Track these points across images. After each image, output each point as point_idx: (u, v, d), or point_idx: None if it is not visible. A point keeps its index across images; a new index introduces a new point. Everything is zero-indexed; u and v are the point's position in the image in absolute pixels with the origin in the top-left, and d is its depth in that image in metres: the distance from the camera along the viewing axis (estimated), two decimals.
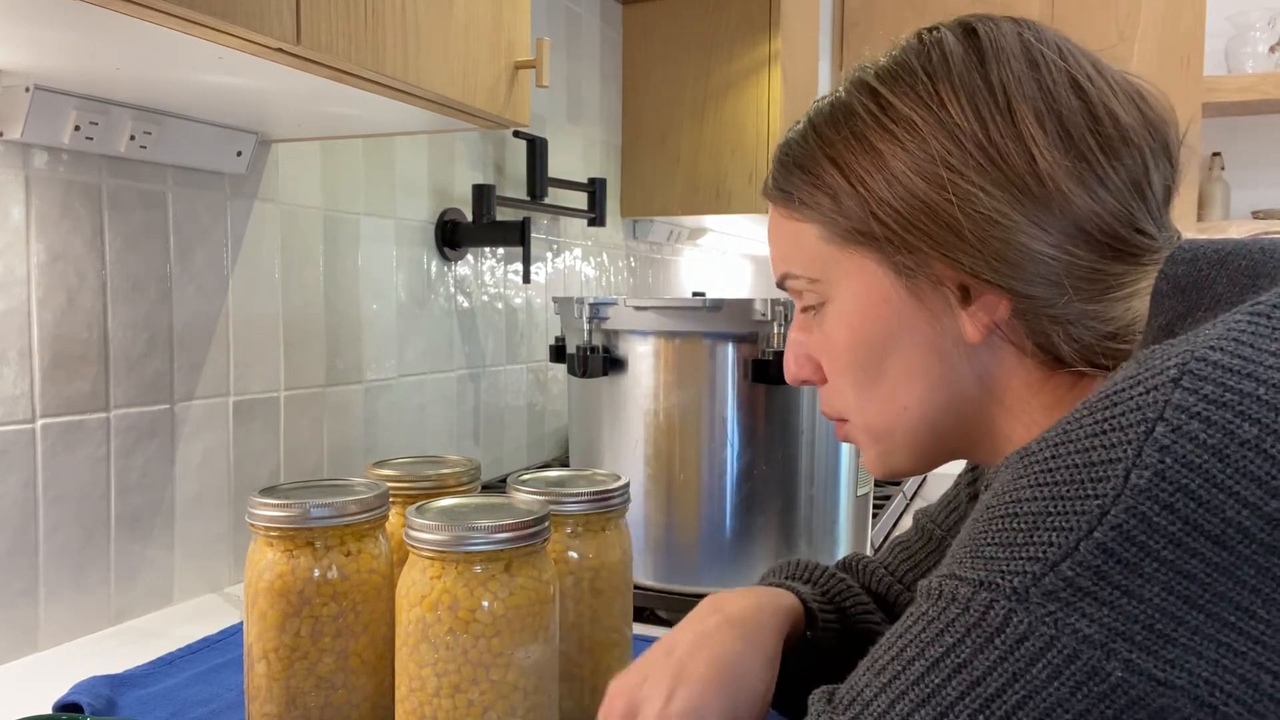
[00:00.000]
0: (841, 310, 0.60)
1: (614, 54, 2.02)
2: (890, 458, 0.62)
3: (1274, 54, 2.07)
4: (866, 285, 0.58)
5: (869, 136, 0.56)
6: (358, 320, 1.32)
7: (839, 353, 0.60)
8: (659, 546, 1.09)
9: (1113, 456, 0.40)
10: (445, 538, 0.65)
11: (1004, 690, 0.40)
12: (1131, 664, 0.38)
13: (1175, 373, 0.41)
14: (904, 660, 0.44)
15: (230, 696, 0.82)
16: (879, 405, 0.60)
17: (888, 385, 0.59)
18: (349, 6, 0.77)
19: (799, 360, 0.64)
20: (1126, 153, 0.53)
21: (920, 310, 0.57)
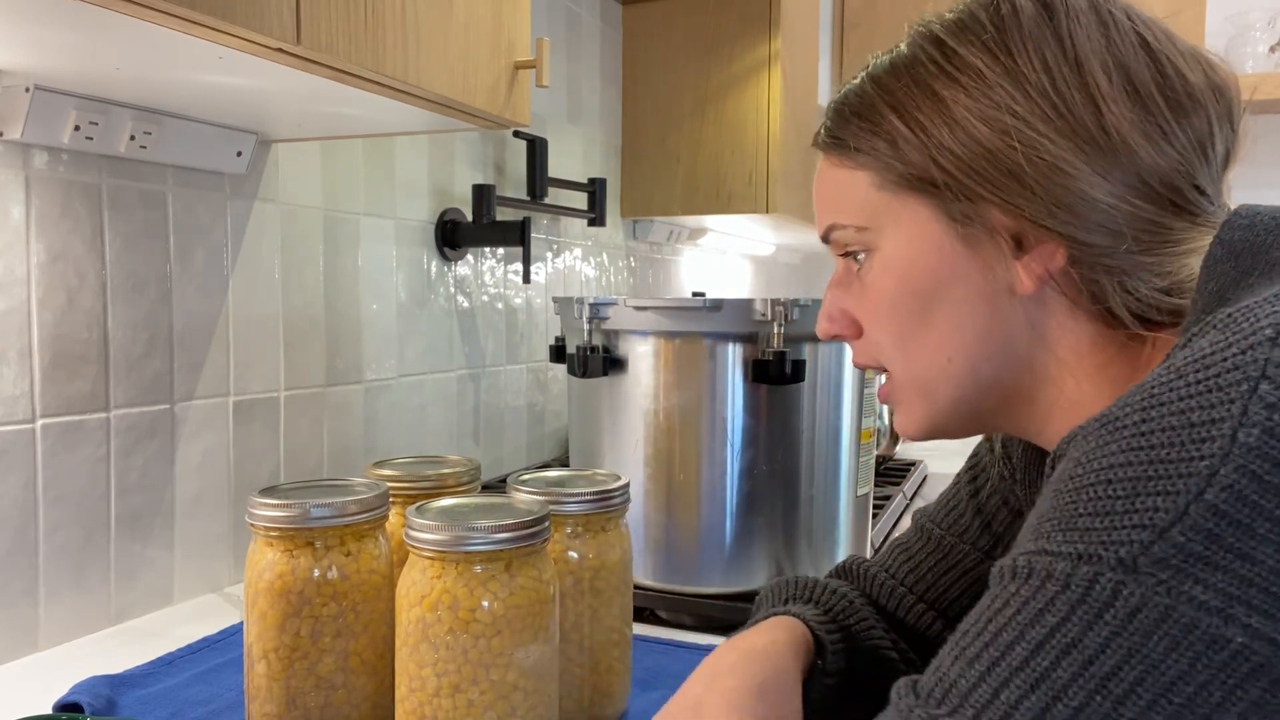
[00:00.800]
0: (890, 258, 0.59)
1: (614, 54, 2.02)
2: (932, 415, 0.61)
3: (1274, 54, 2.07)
4: (919, 232, 0.57)
5: (932, 84, 0.56)
6: (358, 320, 1.32)
7: (884, 302, 0.59)
8: (659, 546, 1.09)
9: (1216, 416, 0.39)
10: (445, 538, 0.65)
11: (1121, 667, 0.38)
12: (1252, 629, 0.36)
13: (1272, 332, 0.40)
14: (1001, 645, 0.41)
15: (230, 696, 0.82)
16: (925, 357, 0.59)
17: (935, 336, 0.58)
18: (349, 6, 0.77)
19: (833, 315, 0.64)
20: (1193, 111, 0.54)
21: (972, 259, 0.56)
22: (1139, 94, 0.53)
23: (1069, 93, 0.53)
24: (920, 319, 0.58)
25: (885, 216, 0.59)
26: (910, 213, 0.57)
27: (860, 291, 0.61)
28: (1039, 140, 0.53)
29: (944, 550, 0.74)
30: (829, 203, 0.62)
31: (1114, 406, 0.43)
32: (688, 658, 0.93)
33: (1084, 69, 0.53)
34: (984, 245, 0.55)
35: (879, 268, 0.59)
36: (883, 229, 0.59)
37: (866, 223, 0.60)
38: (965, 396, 0.59)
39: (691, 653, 0.94)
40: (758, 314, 1.03)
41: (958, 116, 0.55)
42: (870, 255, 0.60)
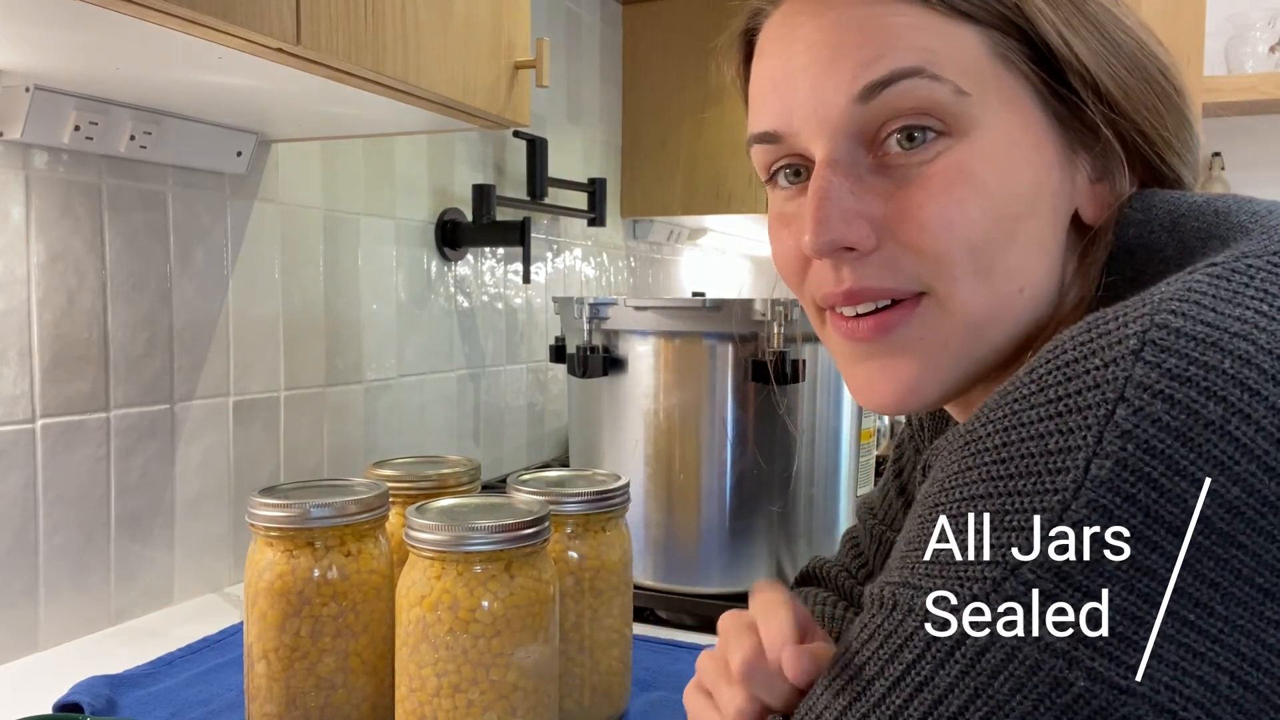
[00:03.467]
0: (994, 146, 0.46)
1: (614, 54, 2.02)
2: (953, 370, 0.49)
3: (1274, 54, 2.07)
4: (1025, 121, 0.47)
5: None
6: (358, 320, 1.32)
7: (974, 204, 0.46)
8: (659, 546, 1.09)
9: (1071, 444, 0.36)
10: (445, 538, 0.65)
11: (967, 707, 0.37)
12: (1094, 672, 0.35)
13: (1135, 343, 0.36)
14: (863, 680, 0.41)
15: (230, 696, 0.82)
16: (996, 281, 0.47)
17: (1015, 256, 0.47)
18: (349, 6, 0.77)
19: (848, 217, 0.47)
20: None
21: (1063, 170, 0.48)
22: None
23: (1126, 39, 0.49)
24: (1009, 233, 0.46)
25: (992, 91, 0.46)
26: (1014, 94, 0.46)
27: (911, 185, 0.46)
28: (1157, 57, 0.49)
29: (880, 540, 0.74)
30: (906, 36, 0.46)
31: (977, 420, 0.40)
32: (688, 658, 0.92)
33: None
34: (1075, 155, 0.48)
35: (976, 156, 0.46)
36: (987, 105, 0.46)
37: (970, 88, 0.46)
38: (1006, 344, 0.48)
39: (691, 653, 0.94)
40: (758, 314, 1.03)
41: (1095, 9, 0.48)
42: (953, 138, 0.46)
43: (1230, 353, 0.36)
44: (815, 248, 0.47)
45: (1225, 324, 0.37)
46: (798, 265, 0.52)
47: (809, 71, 0.48)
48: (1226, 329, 0.36)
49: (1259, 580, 0.34)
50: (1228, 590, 0.35)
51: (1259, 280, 0.39)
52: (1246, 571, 0.34)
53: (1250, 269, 0.39)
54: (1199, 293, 0.38)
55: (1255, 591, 0.34)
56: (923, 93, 0.46)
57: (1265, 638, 0.35)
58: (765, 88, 0.51)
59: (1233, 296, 0.38)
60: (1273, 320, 0.37)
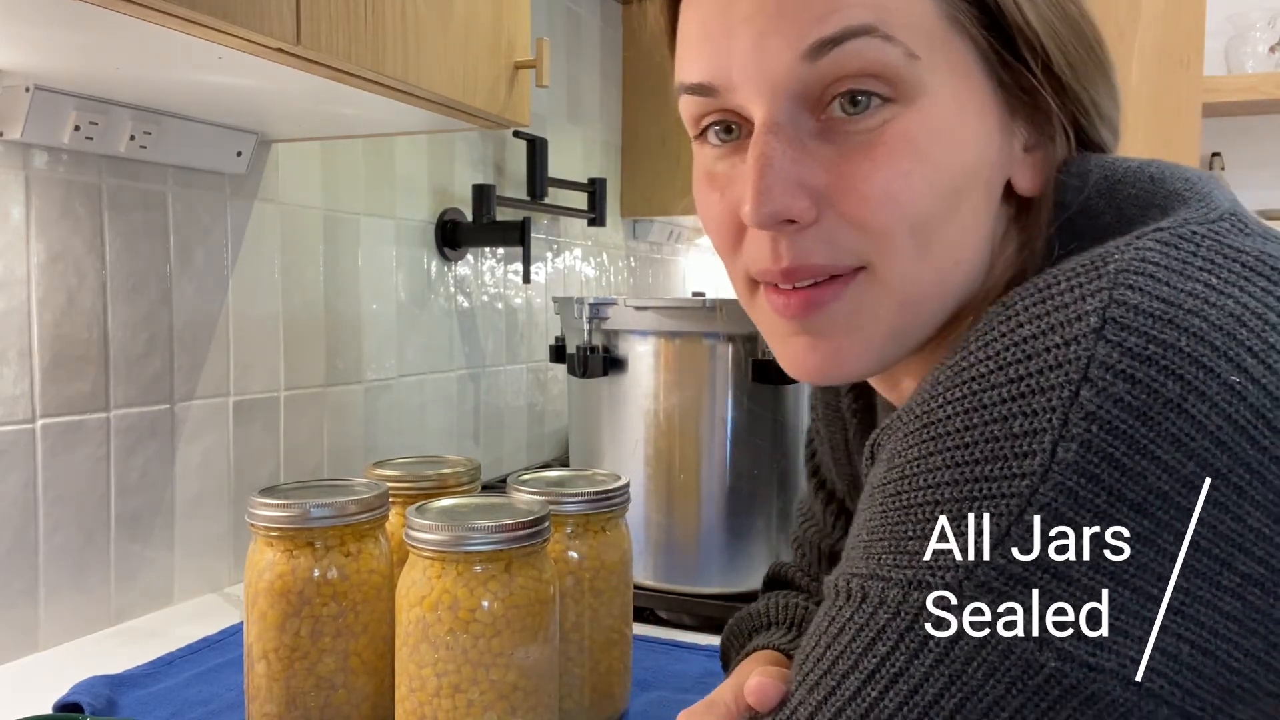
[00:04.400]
0: (940, 115, 0.44)
1: (614, 54, 2.02)
2: (888, 342, 0.47)
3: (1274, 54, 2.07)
4: (970, 88, 0.45)
5: None
6: (358, 320, 1.32)
7: (920, 175, 0.44)
8: (659, 546, 1.09)
9: (1037, 426, 0.36)
10: (445, 538, 0.65)
11: (942, 694, 0.37)
12: (1064, 652, 0.36)
13: (1096, 321, 0.36)
14: (837, 674, 0.40)
15: (230, 696, 0.82)
16: (937, 257, 0.45)
17: (955, 230, 0.45)
18: (349, 6, 0.77)
19: (790, 188, 0.44)
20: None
21: (1002, 139, 0.46)
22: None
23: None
24: (951, 207, 0.45)
25: (940, 55, 0.44)
26: (962, 60, 0.44)
27: (855, 154, 0.44)
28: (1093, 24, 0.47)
29: (809, 539, 0.74)
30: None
31: (934, 400, 0.39)
32: (688, 658, 0.93)
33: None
34: (1010, 124, 0.46)
35: (922, 125, 0.44)
36: (936, 69, 0.43)
37: (920, 51, 0.43)
38: (937, 318, 0.48)
39: (691, 653, 0.94)
40: None
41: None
42: (899, 104, 0.44)
43: (1186, 330, 0.36)
44: (757, 219, 0.45)
45: (1180, 300, 0.37)
46: (731, 232, 0.49)
47: (752, 22, 0.44)
48: (1181, 305, 0.37)
49: (1215, 551, 0.35)
50: (1187, 563, 0.35)
51: (1205, 249, 0.39)
52: (1202, 543, 0.35)
53: (1196, 236, 0.40)
54: (1152, 264, 0.38)
55: (1212, 561, 0.35)
56: (873, 53, 0.43)
57: (1222, 605, 0.36)
58: (699, 34, 0.48)
59: (1183, 268, 0.38)
60: (1221, 294, 0.37)
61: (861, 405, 0.66)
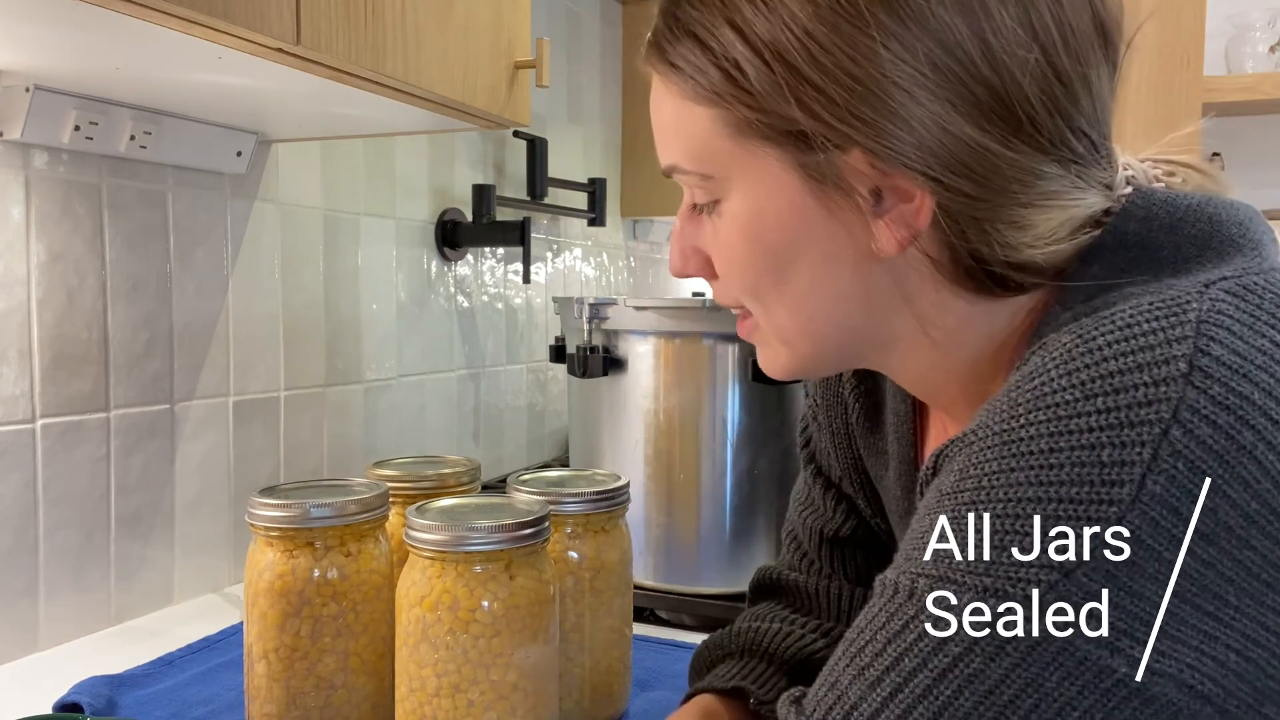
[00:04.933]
0: (739, 213, 0.53)
1: (614, 54, 2.02)
2: (796, 363, 0.57)
3: (1274, 54, 2.07)
4: (770, 187, 0.51)
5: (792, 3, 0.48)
6: (358, 320, 1.32)
7: (735, 257, 0.55)
8: (659, 546, 1.09)
9: (1127, 458, 0.39)
10: (445, 538, 0.65)
11: (1019, 696, 0.40)
12: (1133, 659, 0.39)
13: (1185, 366, 0.40)
14: (904, 671, 0.42)
15: (230, 696, 0.82)
16: (784, 313, 0.55)
17: (791, 294, 0.54)
18: (349, 6, 0.77)
19: (685, 254, 0.57)
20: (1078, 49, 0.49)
21: (830, 217, 0.51)
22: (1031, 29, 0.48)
23: (948, 17, 0.47)
24: (775, 276, 0.53)
25: (733, 166, 0.52)
26: (760, 163, 0.51)
27: (712, 237, 0.55)
28: (918, 76, 0.47)
29: (809, 527, 0.75)
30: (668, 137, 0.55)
31: (1014, 421, 0.42)
32: (688, 658, 0.92)
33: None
34: (841, 202, 0.50)
35: (728, 220, 0.54)
36: (730, 180, 0.53)
37: (712, 171, 0.53)
38: (828, 349, 0.56)
39: (691, 652, 0.94)
40: None
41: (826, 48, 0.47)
42: (718, 204, 0.54)
43: (1258, 384, 0.41)
44: (671, 273, 0.60)
45: (1252, 355, 0.41)
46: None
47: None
48: (1253, 361, 0.41)
49: (1264, 576, 0.40)
50: (1241, 585, 0.40)
51: (1268, 303, 0.44)
52: (1255, 569, 0.40)
53: (1258, 288, 0.44)
54: (1228, 317, 0.42)
55: (1262, 585, 0.40)
56: (683, 179, 0.55)
57: (1266, 621, 0.40)
58: None
59: (1252, 323, 0.42)
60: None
61: (864, 390, 0.69)
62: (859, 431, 0.70)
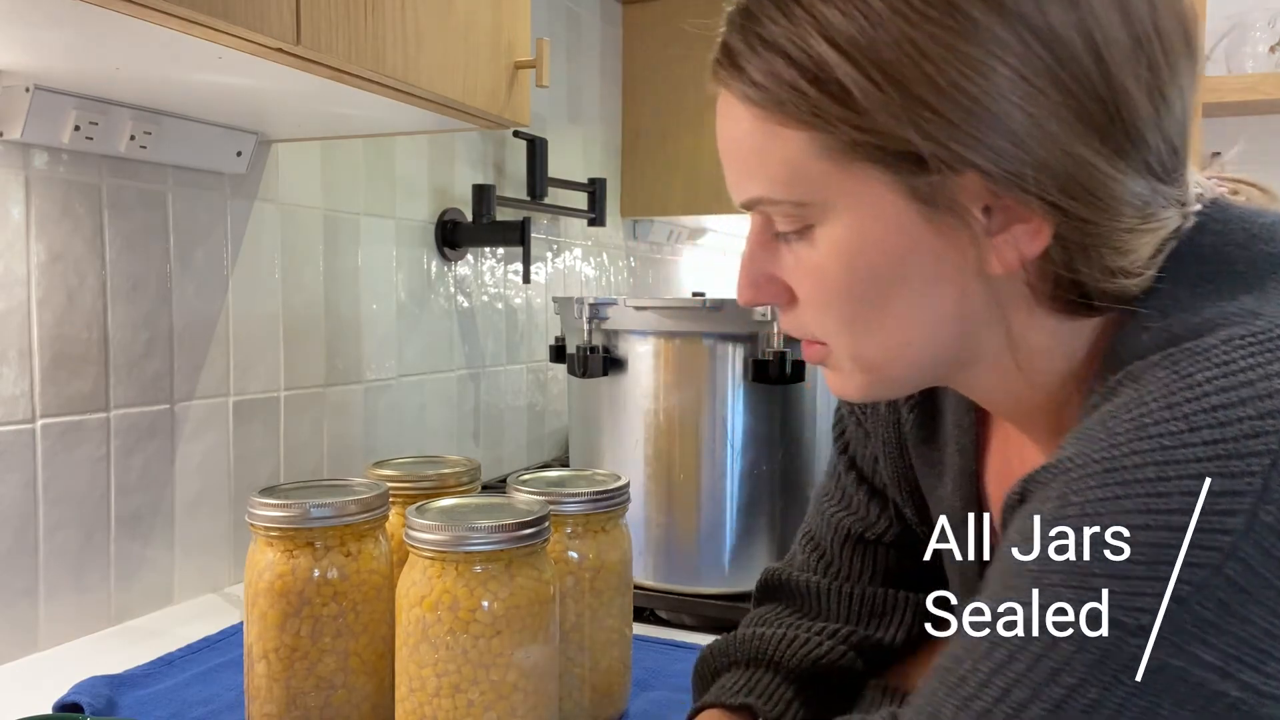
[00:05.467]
0: (838, 239, 0.50)
1: (614, 54, 2.02)
2: (876, 388, 0.56)
3: (1274, 54, 2.07)
4: (875, 212, 0.49)
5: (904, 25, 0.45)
6: (358, 320, 1.32)
7: (831, 285, 0.52)
8: (659, 546, 1.09)
9: (1238, 488, 0.40)
10: (445, 538, 0.65)
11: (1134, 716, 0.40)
12: (1244, 684, 0.39)
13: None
14: (1014, 702, 0.42)
15: (230, 696, 0.82)
16: (878, 341, 0.52)
17: (891, 321, 0.51)
18: (349, 6, 0.77)
19: (758, 283, 0.55)
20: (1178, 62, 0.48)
21: (940, 239, 0.49)
22: (1137, 41, 0.46)
23: (1063, 30, 0.45)
24: (876, 304, 0.51)
25: (831, 190, 0.49)
26: (863, 186, 0.48)
27: (795, 263, 0.53)
28: (1035, 93, 0.45)
29: (836, 526, 0.74)
30: (749, 165, 0.52)
31: (1116, 450, 0.42)
32: (688, 658, 0.92)
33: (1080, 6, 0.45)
34: (953, 223, 0.48)
35: (824, 248, 0.51)
36: (827, 205, 0.50)
37: (807, 198, 0.50)
38: (917, 374, 0.56)
39: (691, 653, 0.93)
40: (758, 314, 1.03)
41: (937, 63, 0.45)
42: (808, 231, 0.51)
43: None
44: (740, 303, 0.57)
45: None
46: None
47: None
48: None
49: None
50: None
51: None
52: None
53: None
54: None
55: None
56: (770, 210, 0.52)
57: None
58: None
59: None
60: None
61: (919, 401, 0.68)
62: (912, 443, 0.69)
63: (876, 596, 0.72)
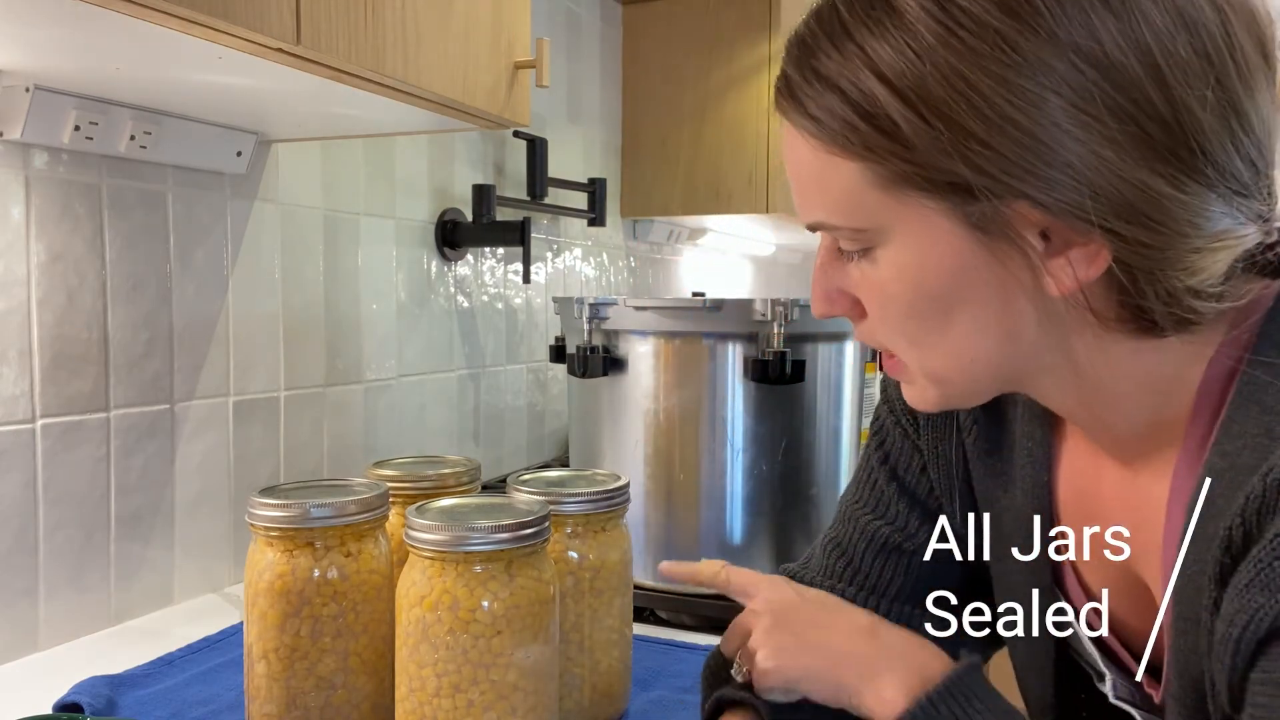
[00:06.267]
0: (897, 261, 0.52)
1: (614, 54, 2.02)
2: (950, 400, 0.57)
3: None
4: (930, 239, 0.50)
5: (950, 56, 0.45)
6: (358, 320, 1.32)
7: (893, 303, 0.53)
8: (659, 546, 1.09)
9: None
10: (445, 538, 0.65)
11: None
12: None
13: None
14: None
15: (230, 696, 0.82)
16: (942, 356, 0.54)
17: (953, 339, 0.53)
18: (349, 6, 0.77)
19: (830, 297, 0.56)
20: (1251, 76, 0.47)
21: (995, 261, 0.49)
22: (1206, 58, 0.45)
23: (1120, 55, 0.44)
24: (938, 322, 0.53)
25: (887, 217, 0.51)
26: (917, 214, 0.50)
27: (861, 281, 0.54)
28: (1091, 122, 0.45)
29: (870, 535, 0.72)
30: (810, 193, 0.54)
31: None
32: (688, 658, 0.93)
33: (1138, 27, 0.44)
34: (1008, 248, 0.49)
35: (885, 269, 0.53)
36: (886, 231, 0.51)
37: (864, 224, 0.52)
38: (983, 388, 0.57)
39: (691, 652, 0.94)
40: (758, 314, 1.03)
41: (988, 97, 0.45)
42: (870, 252, 0.53)
43: None
44: (814, 315, 0.59)
45: None
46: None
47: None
48: None
49: None
50: None
51: None
52: None
53: None
54: None
55: None
56: (832, 234, 0.54)
57: None
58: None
59: None
60: None
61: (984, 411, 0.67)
62: (975, 454, 0.68)
63: (904, 615, 0.70)
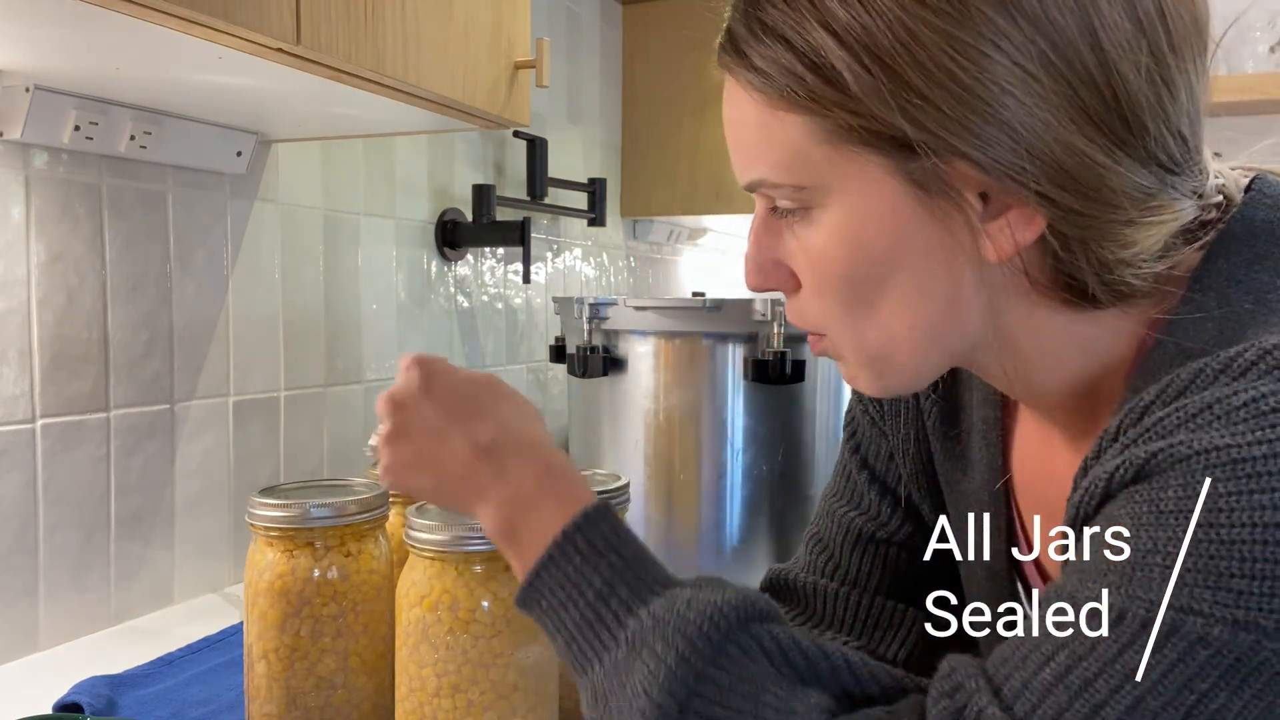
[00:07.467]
0: (837, 222, 0.50)
1: (614, 54, 2.02)
2: (887, 378, 0.55)
3: (1274, 54, 2.07)
4: (871, 196, 0.49)
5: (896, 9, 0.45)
6: (358, 320, 1.32)
7: (830, 268, 0.51)
8: (659, 546, 1.09)
9: None
10: (445, 538, 0.65)
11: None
12: None
13: None
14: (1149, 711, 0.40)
15: (230, 696, 0.82)
16: (878, 327, 0.52)
17: (890, 305, 0.51)
18: (349, 6, 0.77)
19: (765, 268, 0.54)
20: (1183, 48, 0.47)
21: (935, 223, 0.49)
22: (1139, 25, 0.45)
23: (1058, 15, 0.44)
24: (874, 287, 0.51)
25: (830, 174, 0.49)
26: (859, 170, 0.48)
27: (798, 249, 0.53)
28: (1030, 81, 0.45)
29: (846, 527, 0.72)
30: (752, 148, 0.52)
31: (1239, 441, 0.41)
32: None
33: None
34: (948, 208, 0.48)
35: (825, 229, 0.51)
36: (827, 189, 0.50)
37: (806, 181, 0.50)
38: (922, 363, 0.54)
39: None
40: (758, 314, 1.03)
41: (931, 51, 0.45)
42: (809, 212, 0.51)
43: None
44: (748, 287, 0.57)
45: None
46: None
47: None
48: None
49: None
50: None
51: None
52: None
53: None
54: None
55: None
56: (771, 192, 0.52)
57: None
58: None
59: None
60: None
61: (941, 394, 0.66)
62: (935, 436, 0.68)
63: (884, 609, 0.70)
